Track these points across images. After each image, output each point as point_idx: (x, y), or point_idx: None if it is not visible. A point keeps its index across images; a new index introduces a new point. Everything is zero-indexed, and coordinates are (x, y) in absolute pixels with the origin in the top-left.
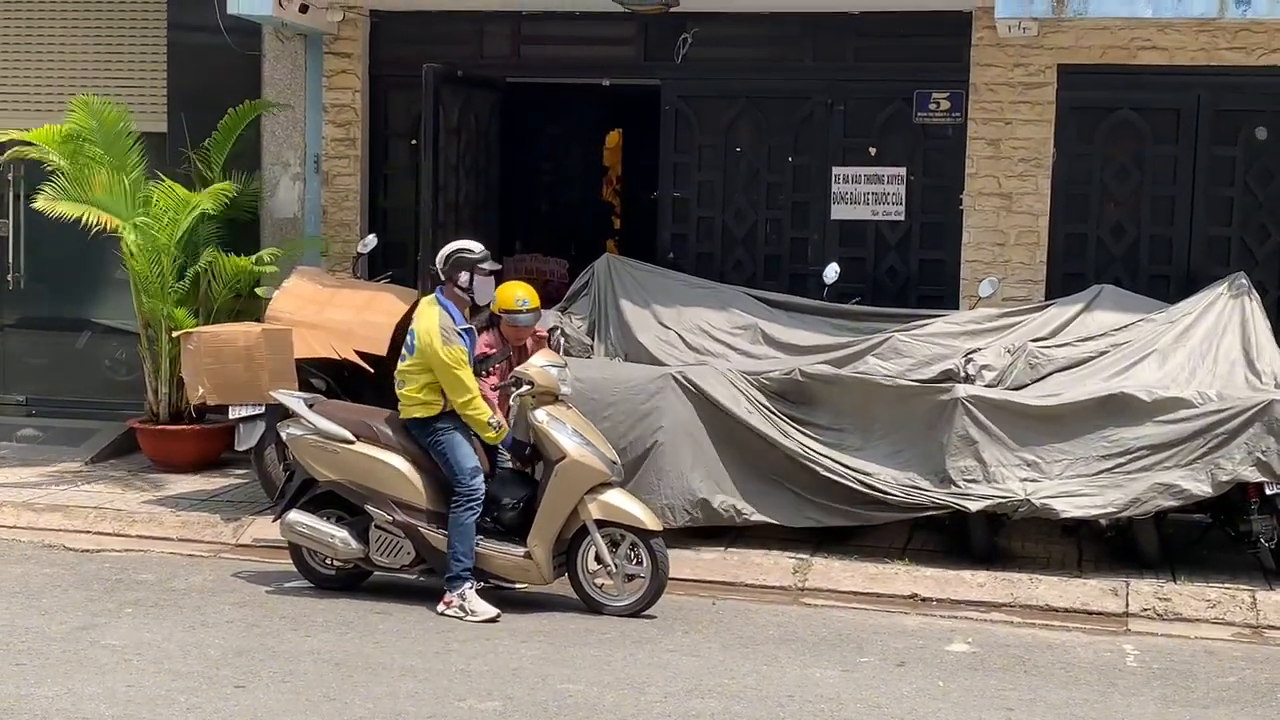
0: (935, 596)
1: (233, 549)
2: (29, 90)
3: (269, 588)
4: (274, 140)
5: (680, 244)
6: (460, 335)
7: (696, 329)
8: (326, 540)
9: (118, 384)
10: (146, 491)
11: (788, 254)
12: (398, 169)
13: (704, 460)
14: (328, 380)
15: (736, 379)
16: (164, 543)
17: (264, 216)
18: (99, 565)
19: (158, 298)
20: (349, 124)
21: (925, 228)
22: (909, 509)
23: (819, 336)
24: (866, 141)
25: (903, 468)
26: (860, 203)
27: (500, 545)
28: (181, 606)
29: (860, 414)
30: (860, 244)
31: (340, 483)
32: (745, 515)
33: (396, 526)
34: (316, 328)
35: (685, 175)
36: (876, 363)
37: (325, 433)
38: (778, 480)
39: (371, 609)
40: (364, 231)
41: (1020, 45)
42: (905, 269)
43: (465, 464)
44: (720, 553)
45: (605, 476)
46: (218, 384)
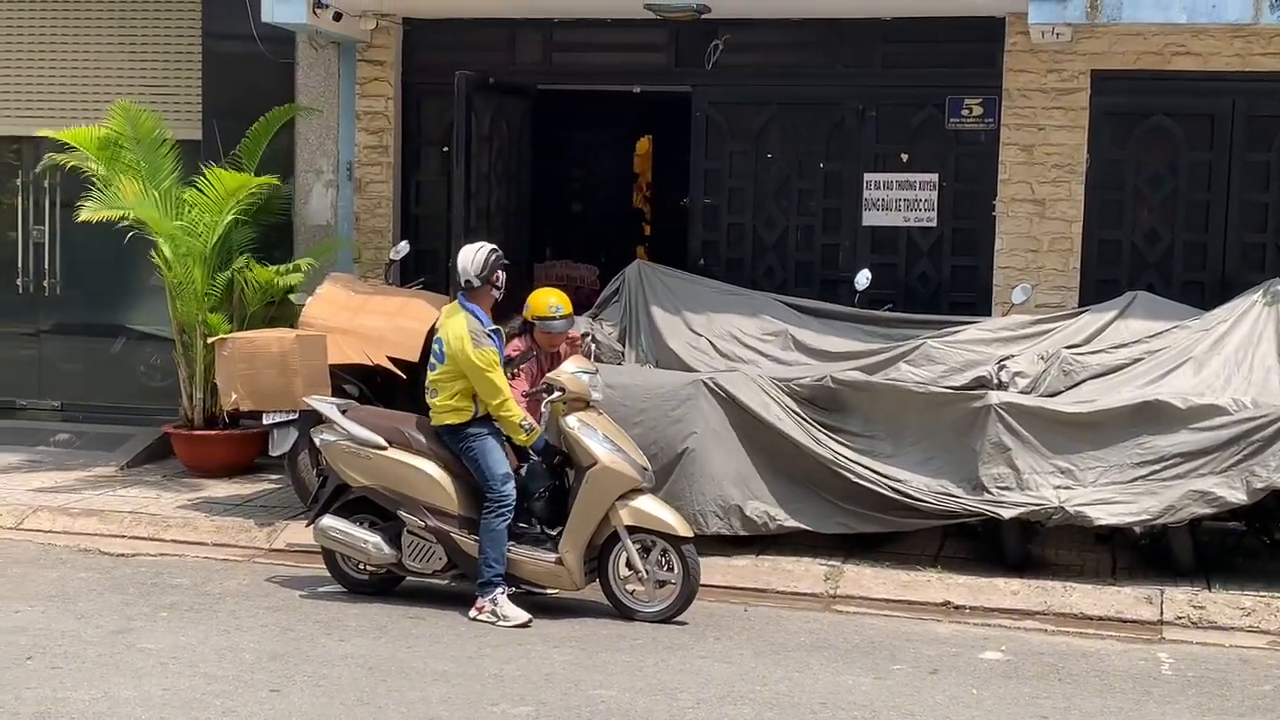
0: (968, 604)
1: (266, 554)
2: (64, 96)
3: (303, 592)
4: (307, 147)
5: (711, 250)
6: (489, 336)
7: (727, 335)
8: (359, 545)
9: (152, 389)
10: (181, 496)
11: (819, 260)
12: (430, 176)
13: (735, 466)
14: (360, 386)
15: (767, 385)
16: (199, 547)
17: (297, 223)
18: (134, 569)
19: (192, 304)
20: (382, 131)
21: (957, 234)
22: (941, 516)
23: (850, 343)
24: (898, 148)
25: (935, 474)
26: (892, 209)
27: (532, 551)
28: (216, 611)
29: (892, 420)
30: (892, 250)
31: (373, 488)
32: (777, 521)
33: (428, 532)
34: (349, 334)
35: (716, 182)
36: (908, 369)
37: (358, 438)
38: (809, 487)
39: (404, 614)
40: (396, 238)
41: (1053, 51)
42: (937, 275)
43: (497, 470)
44: (751, 559)
45: (636, 483)
46: (251, 390)
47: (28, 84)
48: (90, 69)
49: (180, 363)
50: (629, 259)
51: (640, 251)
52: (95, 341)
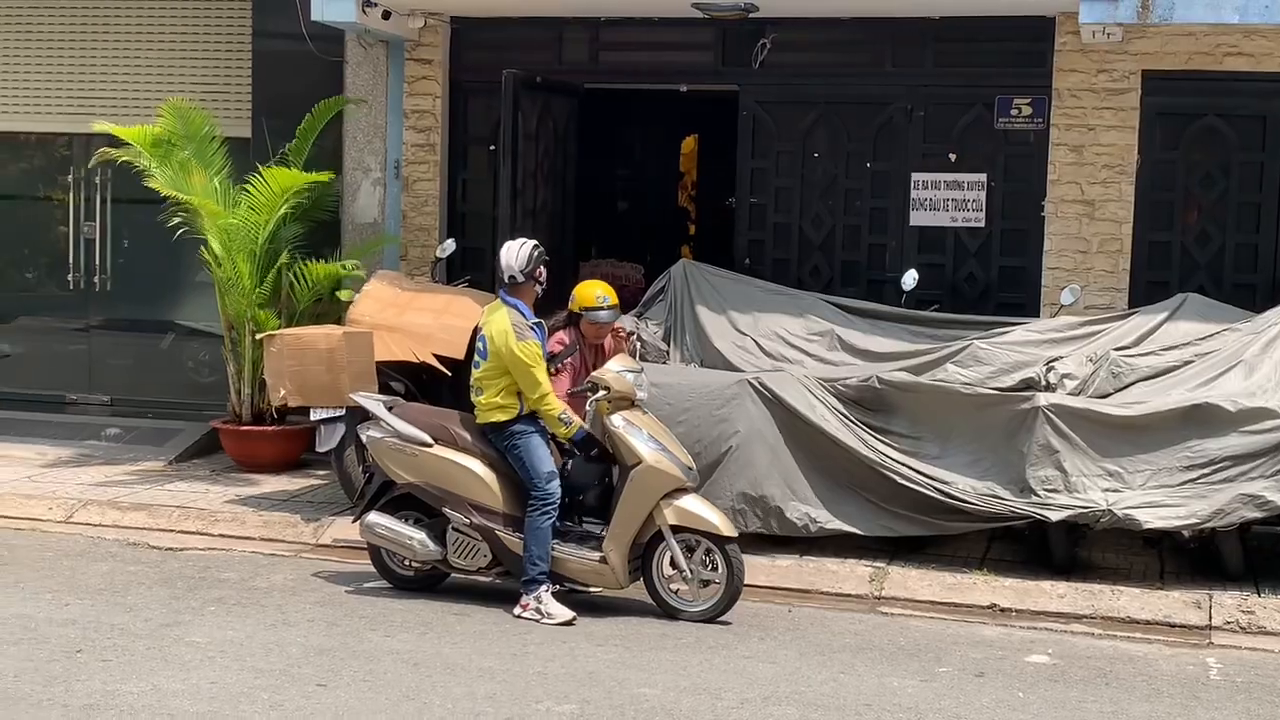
0: (1014, 607)
1: (313, 549)
2: (115, 93)
3: (349, 588)
4: (355, 145)
5: (757, 250)
6: (532, 330)
7: (773, 335)
8: (405, 542)
9: (201, 385)
10: (229, 491)
11: (865, 260)
12: (476, 174)
13: (779, 467)
14: (406, 383)
15: (813, 385)
16: (246, 542)
17: (345, 221)
18: (182, 564)
19: (241, 301)
20: (429, 129)
21: (1006, 234)
22: (988, 519)
23: (897, 343)
24: (946, 147)
25: (981, 477)
26: (940, 209)
27: (576, 549)
28: (263, 605)
29: (938, 422)
30: (939, 250)
31: (418, 485)
32: (820, 523)
33: (473, 529)
34: (396, 331)
35: (762, 181)
36: (955, 370)
37: (404, 435)
38: (854, 488)
39: (449, 610)
40: (443, 236)
41: (1104, 51)
42: (985, 276)
43: (541, 468)
44: (795, 560)
45: (681, 482)
46: (299, 386)
47: (79, 81)
48: (141, 67)
49: (229, 359)
50: (674, 258)
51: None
52: (145, 337)
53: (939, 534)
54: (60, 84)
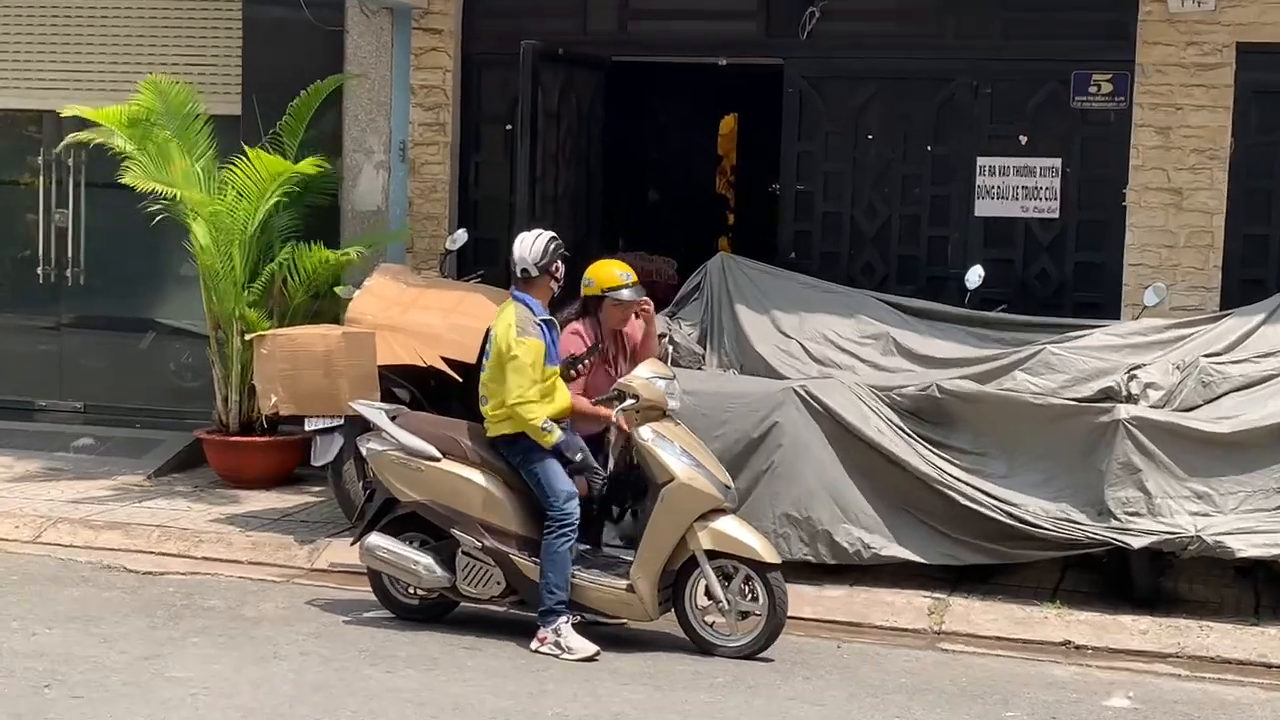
0: (1091, 644)
1: (307, 574)
2: (93, 70)
3: (346, 617)
4: (356, 125)
5: (803, 243)
6: (539, 327)
7: (820, 338)
8: (409, 567)
9: (184, 390)
10: (214, 509)
11: (925, 255)
12: (491, 157)
13: (828, 486)
14: (412, 390)
15: (866, 395)
16: (233, 565)
17: (344, 208)
18: (162, 589)
19: (229, 297)
20: (439, 107)
21: (1082, 226)
22: (1061, 545)
23: (959, 348)
24: (1016, 129)
25: (1054, 498)
26: (1008, 197)
27: (600, 576)
28: (252, 636)
29: (1006, 436)
30: (1008, 244)
31: (425, 504)
32: (874, 549)
33: (485, 553)
34: (400, 331)
35: (810, 166)
36: (1025, 378)
37: (409, 448)
38: (911, 510)
39: (458, 644)
40: (453, 226)
41: (1194, 21)
42: (1059, 273)
43: (559, 485)
44: (845, 590)
45: (717, 502)
46: (293, 392)
47: (49, 53)
48: (117, 37)
49: (214, 361)
50: (711, 251)
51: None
52: (122, 337)
53: (1006, 562)
54: (29, 56)
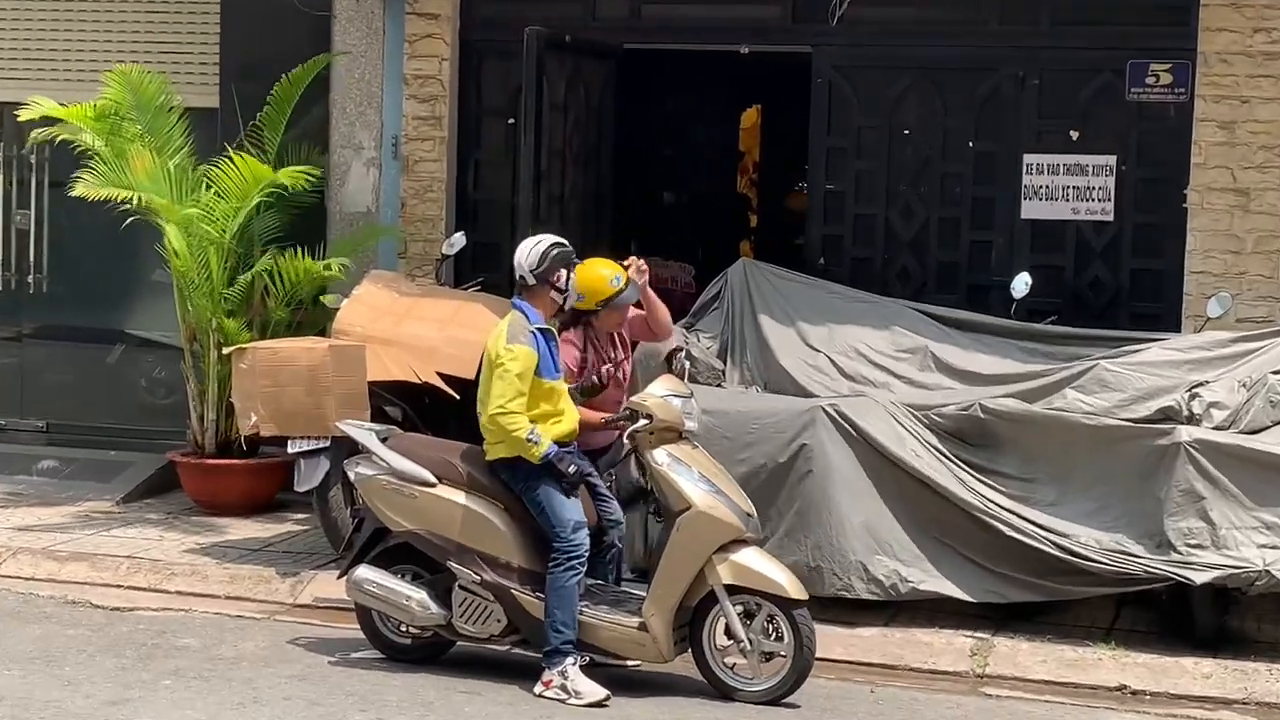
0: (1148, 689)
1: (290, 610)
2: (59, 61)
3: (332, 658)
4: (344, 118)
5: (834, 247)
6: (532, 335)
7: (852, 352)
8: (401, 603)
9: (156, 408)
10: (188, 538)
11: (966, 261)
12: (492, 154)
13: (860, 515)
14: (405, 408)
15: (902, 415)
16: (209, 601)
17: (332, 209)
18: (132, 627)
19: (205, 306)
20: (434, 99)
21: (1139, 230)
22: (1116, 580)
23: (1005, 363)
24: (1067, 123)
25: (1109, 529)
26: (1058, 198)
27: (609, 613)
28: (229, 679)
29: (1056, 461)
30: (1057, 249)
31: (418, 534)
32: (911, 584)
33: (485, 588)
34: (392, 345)
35: (840, 163)
36: (1077, 397)
37: (401, 473)
38: (952, 542)
39: (455, 687)
40: (450, 229)
41: (1261, 5)
42: (1113, 281)
43: (565, 515)
44: (880, 629)
45: (738, 532)
46: (274, 411)
47: (9, 41)
48: (84, 23)
49: (189, 377)
50: (731, 257)
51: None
52: (88, 349)
53: (1056, 599)
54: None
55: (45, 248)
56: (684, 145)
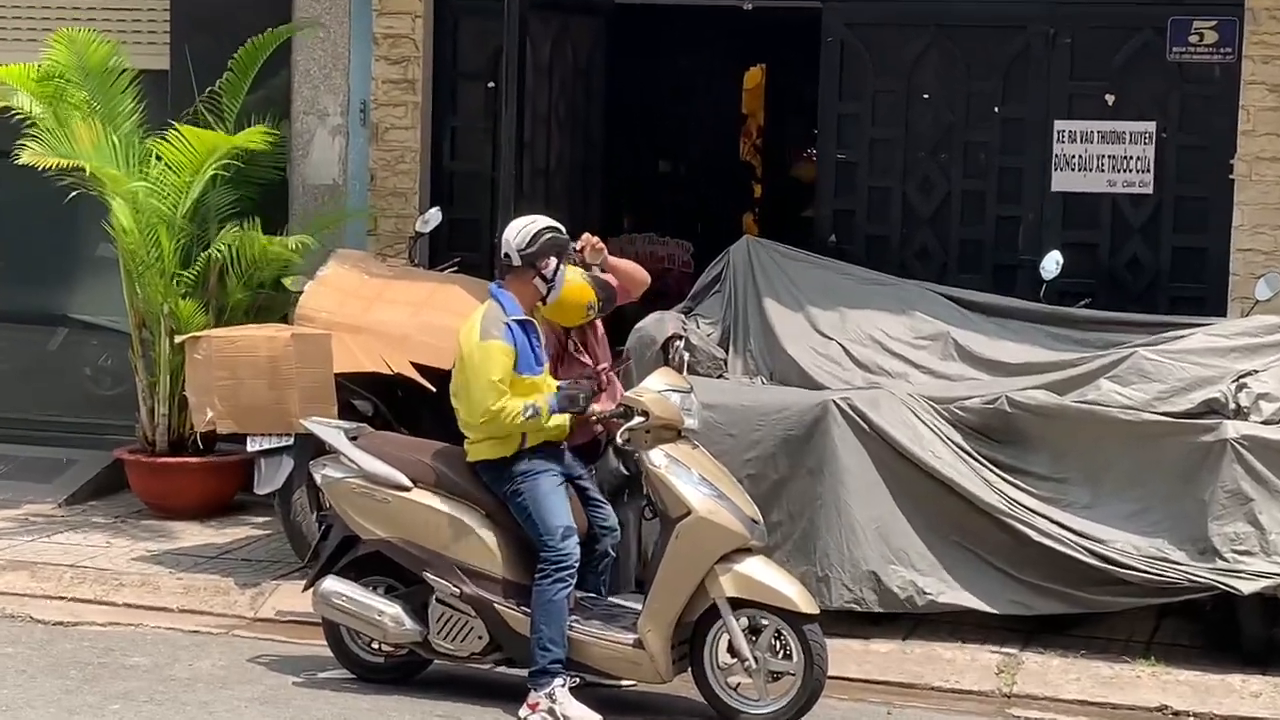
0: (1193, 710)
1: (250, 624)
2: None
3: (297, 678)
4: (308, 82)
5: (845, 223)
6: (508, 328)
7: (866, 339)
8: (373, 618)
9: (102, 400)
10: (138, 545)
11: (992, 239)
12: (470, 121)
13: (875, 520)
14: (376, 403)
15: (921, 409)
16: (161, 614)
17: (294, 182)
18: (76, 644)
19: (156, 288)
20: (407, 61)
21: (1181, 204)
22: (1156, 590)
23: (1033, 351)
24: (1102, 86)
25: (1148, 533)
26: (1092, 169)
27: (602, 629)
28: (184, 702)
29: (1090, 459)
30: (1092, 225)
31: (392, 542)
32: (929, 596)
33: (464, 601)
34: (361, 332)
35: (853, 130)
36: (1113, 389)
37: (372, 475)
38: (975, 548)
39: (432, 711)
40: (425, 204)
41: None
42: (1153, 260)
43: (553, 521)
44: (897, 644)
45: (743, 540)
46: (232, 406)
47: None
48: None
49: (138, 367)
50: (734, 233)
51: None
52: (27, 334)
53: (1090, 611)
54: None
55: None
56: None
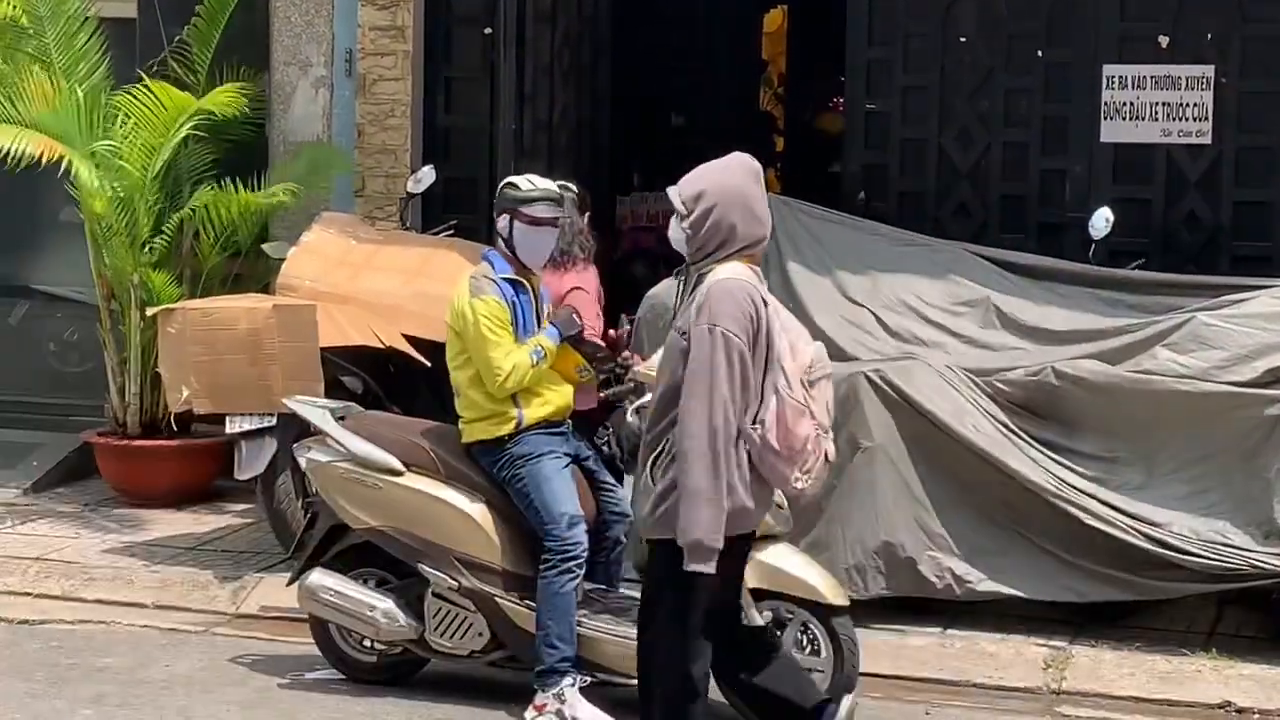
0: (1258, 707)
1: (231, 621)
2: None
3: (282, 679)
4: (288, 29)
5: (877, 179)
6: (498, 285)
7: (900, 305)
8: (364, 614)
9: (68, 378)
10: (109, 535)
11: (1036, 194)
12: (465, 71)
13: (910, 501)
14: (366, 379)
15: (960, 381)
16: (135, 611)
17: (274, 139)
18: (43, 644)
19: (125, 257)
20: (396, 6)
21: (1243, 155)
22: (1217, 577)
23: (1082, 318)
24: (1156, 27)
25: (1208, 515)
26: (1145, 118)
27: (612, 624)
28: (161, 706)
29: (1144, 435)
30: (1146, 180)
31: (383, 531)
32: (971, 584)
33: (463, 595)
34: (349, 302)
35: (884, 77)
36: (1170, 357)
37: (362, 459)
38: (1020, 532)
39: (430, 714)
40: (417, 162)
41: None
42: (1213, 217)
43: (556, 507)
44: (935, 637)
45: (766, 526)
46: (209, 384)
47: None
48: None
49: (107, 342)
50: None
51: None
52: None
53: (1145, 599)
54: None
55: None
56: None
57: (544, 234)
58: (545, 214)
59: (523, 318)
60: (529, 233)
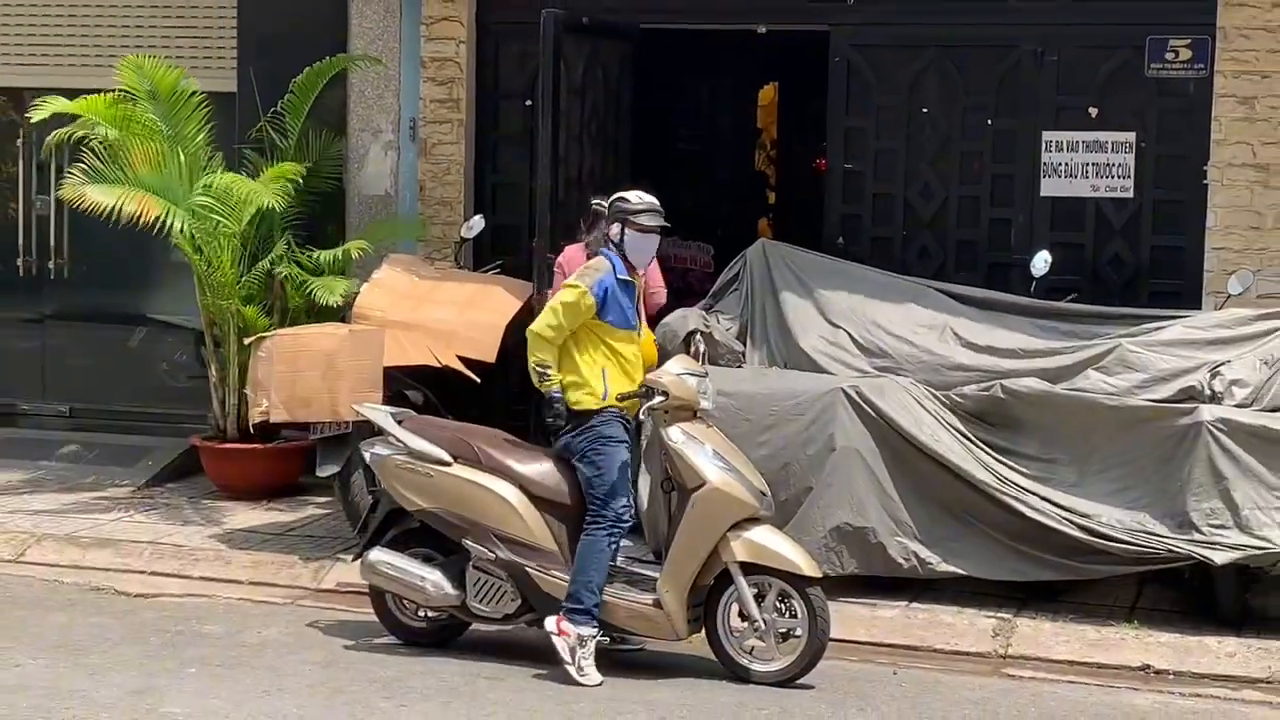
0: (1172, 669)
1: (313, 595)
2: (74, 44)
3: (356, 644)
4: (362, 101)
5: (852, 226)
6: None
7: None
8: (415, 583)
9: (178, 391)
10: (212, 524)
11: (986, 239)
12: (510, 136)
13: (880, 496)
14: (426, 393)
15: (922, 396)
16: (232, 586)
17: (350, 193)
18: (156, 614)
19: (223, 294)
20: (452, 82)
21: (1159, 207)
22: (1139, 560)
23: (1024, 339)
24: (1086, 100)
25: (1131, 508)
26: (1077, 176)
27: (624, 591)
28: (254, 666)
29: (1077, 442)
30: (1077, 227)
31: (433, 512)
32: (930, 565)
33: (499, 566)
34: (413, 328)
35: (859, 142)
36: (1099, 377)
37: (416, 452)
38: (973, 522)
39: (478, 672)
40: (469, 212)
41: None
42: (1134, 258)
43: (621, 490)
44: (901, 609)
45: (752, 509)
46: (287, 397)
47: (23, 26)
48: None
49: (210, 361)
50: (751, 236)
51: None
52: (110, 332)
53: (1078, 579)
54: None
55: (65, 232)
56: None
57: (650, 239)
58: (651, 223)
59: (623, 310)
60: (638, 238)
